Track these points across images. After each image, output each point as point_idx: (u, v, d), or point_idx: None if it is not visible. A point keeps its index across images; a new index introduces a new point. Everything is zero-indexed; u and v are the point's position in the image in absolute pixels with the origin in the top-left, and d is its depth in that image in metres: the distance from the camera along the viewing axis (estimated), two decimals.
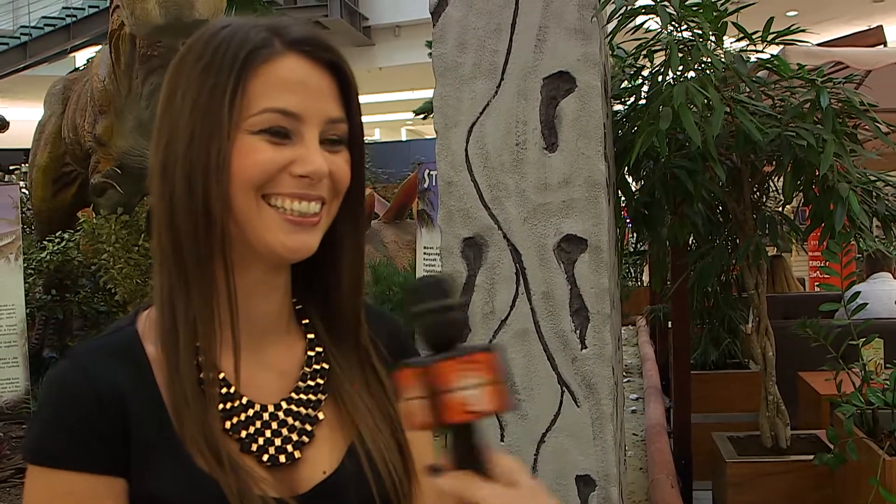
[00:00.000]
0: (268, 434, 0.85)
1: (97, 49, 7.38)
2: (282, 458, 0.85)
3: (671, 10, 2.41)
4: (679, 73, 2.46)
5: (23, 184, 8.46)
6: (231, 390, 0.85)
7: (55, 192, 7.16)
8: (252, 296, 0.87)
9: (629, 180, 3.02)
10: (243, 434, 0.84)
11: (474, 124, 2.26)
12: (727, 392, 4.35)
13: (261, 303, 0.88)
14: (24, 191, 7.76)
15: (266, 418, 0.86)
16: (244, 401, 0.85)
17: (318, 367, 0.92)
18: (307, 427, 0.88)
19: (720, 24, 2.52)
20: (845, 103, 2.61)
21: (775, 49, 2.90)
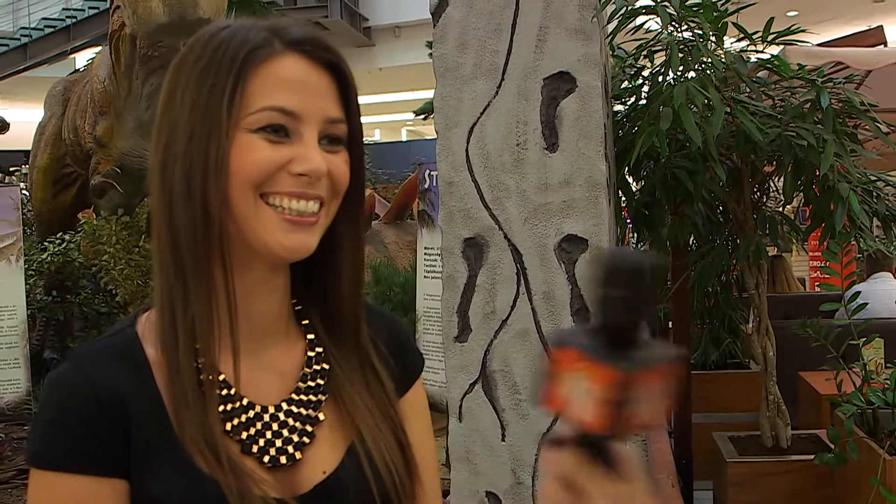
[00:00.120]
0: (268, 435, 0.85)
1: (97, 50, 7.37)
2: (282, 459, 0.85)
3: (671, 11, 2.41)
4: (679, 73, 2.46)
5: (23, 185, 8.47)
6: (231, 392, 0.85)
7: (55, 193, 7.15)
8: (251, 296, 0.86)
9: (630, 180, 3.02)
10: (244, 435, 0.84)
11: (475, 124, 2.26)
12: (728, 392, 4.35)
13: (260, 303, 0.88)
14: (25, 192, 7.76)
15: (267, 419, 0.86)
16: (244, 402, 0.85)
17: (318, 367, 0.92)
18: (307, 428, 0.88)
19: (720, 25, 2.52)
20: (845, 103, 2.61)
21: (775, 49, 2.90)
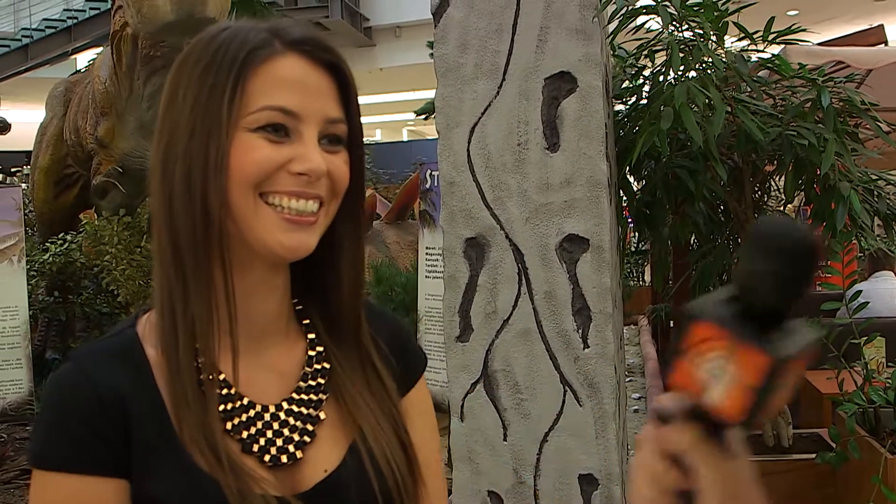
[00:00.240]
0: (269, 434, 0.86)
1: (98, 51, 7.38)
2: (283, 458, 0.85)
3: (672, 10, 2.41)
4: (680, 72, 2.46)
5: (25, 186, 8.48)
6: (231, 391, 0.85)
7: (57, 193, 7.16)
8: (251, 296, 0.87)
9: (631, 180, 3.02)
10: (244, 435, 0.84)
11: (476, 125, 2.26)
12: None
13: (260, 303, 0.88)
14: (27, 195, 7.77)
15: (267, 419, 0.86)
16: (245, 401, 0.86)
17: (318, 366, 0.92)
18: (308, 427, 0.88)
19: (721, 24, 2.52)
20: (846, 102, 2.61)
21: (776, 49, 2.89)
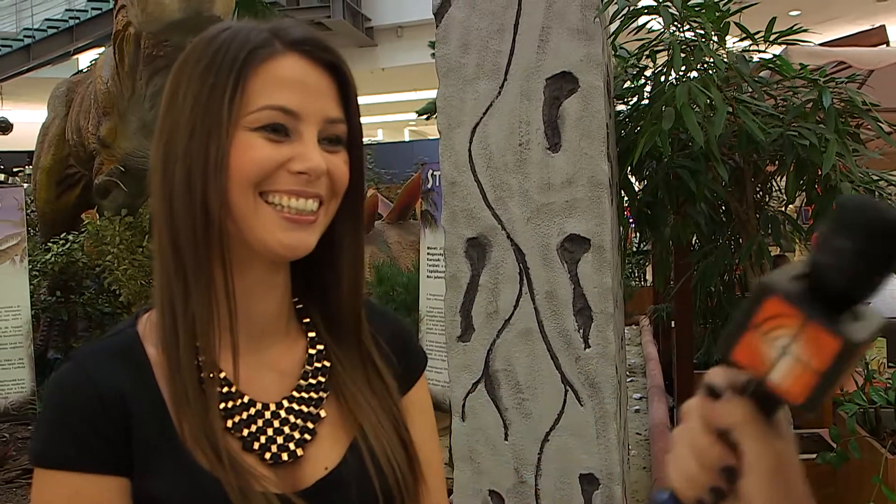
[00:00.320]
0: (270, 432, 0.86)
1: (100, 51, 7.39)
2: (284, 456, 0.86)
3: (673, 11, 2.41)
4: (682, 73, 2.46)
5: (27, 185, 8.49)
6: (232, 389, 0.85)
7: (59, 193, 7.17)
8: (251, 295, 0.87)
9: (632, 180, 3.02)
10: (245, 433, 0.85)
11: (477, 125, 2.26)
12: None
13: (260, 302, 0.89)
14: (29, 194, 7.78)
15: (268, 417, 0.86)
16: (245, 400, 0.86)
17: (319, 364, 0.92)
18: (309, 425, 0.88)
19: (722, 25, 2.52)
20: (848, 103, 2.61)
21: (778, 49, 2.90)
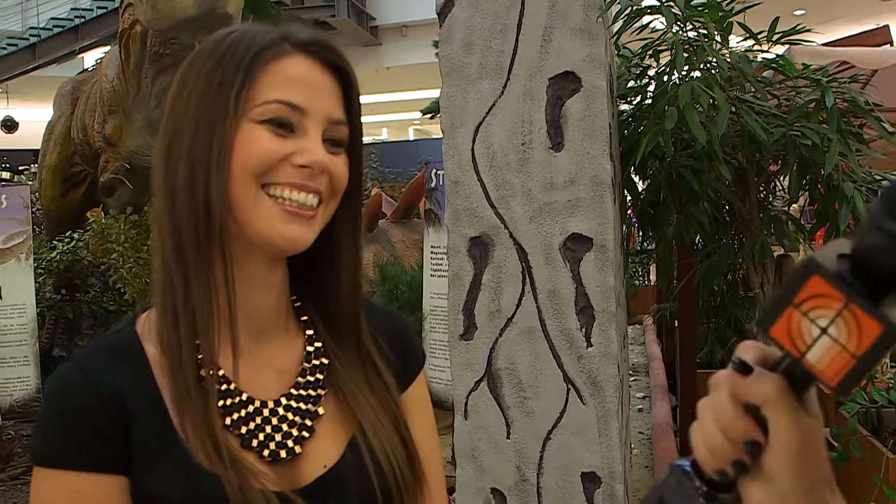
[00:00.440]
0: (268, 430, 0.87)
1: (106, 50, 7.41)
2: (283, 453, 0.86)
3: (676, 11, 2.42)
4: (684, 72, 2.47)
5: (32, 184, 8.52)
6: (231, 387, 0.86)
7: (64, 191, 7.19)
8: (250, 292, 0.88)
9: (636, 179, 3.02)
10: (244, 430, 0.85)
11: (480, 124, 2.27)
12: None
13: (259, 299, 0.90)
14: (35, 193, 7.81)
15: (266, 414, 0.87)
16: (244, 397, 0.87)
17: (317, 362, 0.93)
18: (307, 422, 0.89)
19: (725, 24, 2.53)
20: (850, 103, 2.61)
21: (781, 49, 2.90)
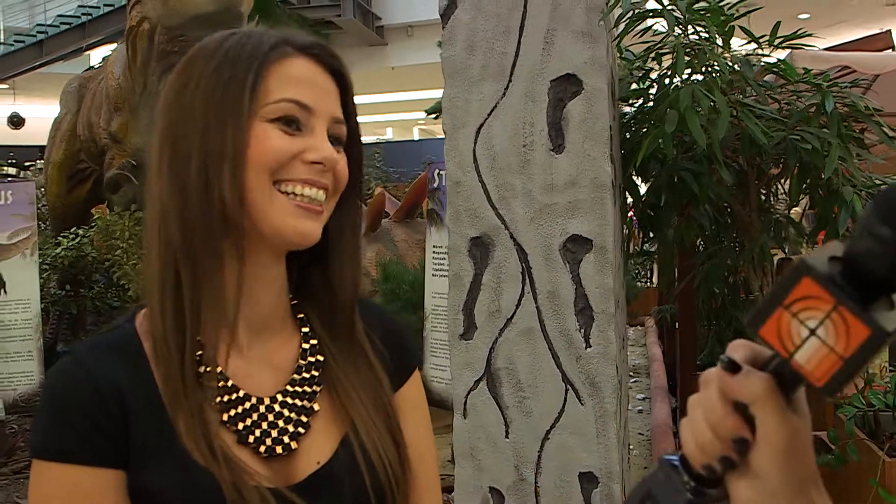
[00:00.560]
0: (264, 426, 0.88)
1: (112, 47, 7.44)
2: (278, 449, 0.87)
3: (678, 14, 2.43)
4: (686, 76, 2.48)
5: (38, 180, 8.55)
6: (228, 384, 0.87)
7: (70, 188, 7.23)
8: (253, 289, 0.89)
9: (638, 181, 3.03)
10: (240, 426, 0.86)
11: (482, 125, 2.29)
12: None
13: (261, 295, 0.91)
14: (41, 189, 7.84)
15: (262, 411, 0.88)
16: (241, 394, 0.88)
17: (313, 359, 0.94)
18: (302, 418, 0.90)
19: (727, 28, 2.54)
20: (851, 107, 2.62)
21: (783, 53, 2.91)
